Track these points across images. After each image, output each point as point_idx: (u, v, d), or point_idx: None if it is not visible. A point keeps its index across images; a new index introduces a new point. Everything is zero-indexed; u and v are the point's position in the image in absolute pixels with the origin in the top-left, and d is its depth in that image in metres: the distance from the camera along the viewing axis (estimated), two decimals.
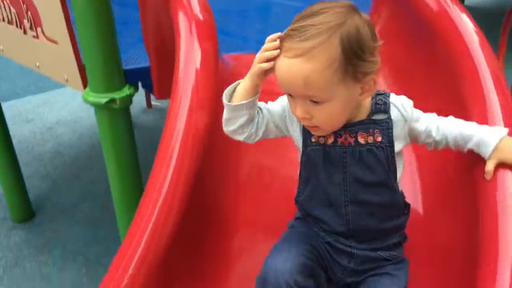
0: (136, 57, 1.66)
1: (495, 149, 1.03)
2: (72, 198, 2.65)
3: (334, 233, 1.14)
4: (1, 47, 1.82)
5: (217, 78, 1.27)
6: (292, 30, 0.97)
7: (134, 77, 1.55)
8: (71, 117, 3.46)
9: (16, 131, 3.21)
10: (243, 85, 1.07)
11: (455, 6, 1.38)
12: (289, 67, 0.96)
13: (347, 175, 1.08)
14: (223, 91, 1.09)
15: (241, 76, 1.09)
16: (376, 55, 0.99)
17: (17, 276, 2.18)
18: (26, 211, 2.49)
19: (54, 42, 1.48)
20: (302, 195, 1.17)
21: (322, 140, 1.09)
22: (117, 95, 1.44)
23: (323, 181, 1.11)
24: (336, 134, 1.07)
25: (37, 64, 1.68)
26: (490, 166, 1.03)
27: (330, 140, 1.08)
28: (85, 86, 1.53)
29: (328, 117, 1.00)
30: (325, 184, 1.11)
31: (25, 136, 3.27)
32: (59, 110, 3.55)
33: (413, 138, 1.12)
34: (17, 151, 2.47)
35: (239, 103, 1.06)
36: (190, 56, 1.22)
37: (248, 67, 1.06)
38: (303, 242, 1.13)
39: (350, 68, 0.95)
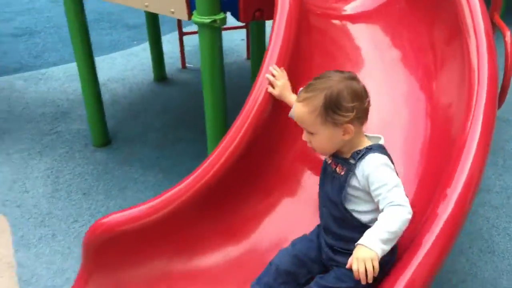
0: None
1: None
2: (137, 131, 3.27)
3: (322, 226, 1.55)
4: None
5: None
6: (306, 84, 1.47)
7: (225, 6, 2.15)
8: (118, 76, 4.06)
9: (76, 86, 3.80)
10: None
11: None
12: (296, 107, 1.47)
13: (324, 187, 1.52)
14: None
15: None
16: (349, 112, 1.37)
17: (109, 180, 2.79)
18: (105, 138, 3.10)
19: None
20: None
21: (329, 160, 1.52)
22: (217, 17, 2.07)
23: (319, 185, 1.56)
24: (333, 159, 1.49)
25: (146, 4, 2.30)
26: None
27: (329, 161, 1.51)
28: (189, 16, 2.16)
29: (318, 144, 1.46)
30: (319, 188, 1.56)
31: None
32: (107, 71, 4.13)
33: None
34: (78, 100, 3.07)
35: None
36: None
37: None
38: (306, 245, 1.56)
39: (329, 117, 1.38)
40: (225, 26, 2.17)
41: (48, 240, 2.36)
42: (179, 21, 4.01)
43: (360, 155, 1.41)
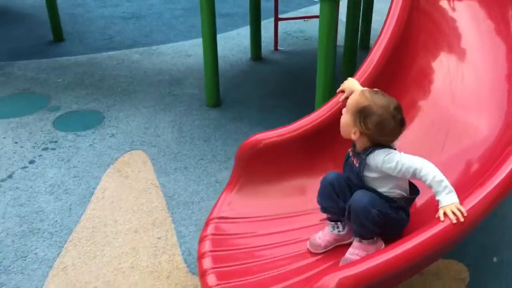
0: None
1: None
2: (241, 97, 3.83)
3: None
4: None
5: None
6: (374, 89, 1.85)
7: None
8: (219, 54, 4.64)
9: (183, 60, 4.41)
10: None
11: None
12: (354, 93, 1.87)
13: (346, 172, 1.92)
14: None
15: None
16: (366, 128, 1.75)
17: (224, 132, 3.35)
18: (217, 100, 3.68)
19: None
20: None
21: (350, 153, 1.91)
22: None
23: (343, 169, 1.96)
24: (353, 152, 1.89)
25: None
26: None
27: (351, 153, 1.91)
28: None
29: (341, 122, 1.86)
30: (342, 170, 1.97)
31: (189, 63, 4.47)
32: None
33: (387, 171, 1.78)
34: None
35: None
36: None
37: None
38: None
39: (356, 116, 1.78)
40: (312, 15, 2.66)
41: (182, 170, 2.93)
42: (276, 9, 4.55)
43: (368, 151, 1.81)
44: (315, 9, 5.89)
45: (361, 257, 1.74)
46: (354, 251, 1.83)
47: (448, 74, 2.28)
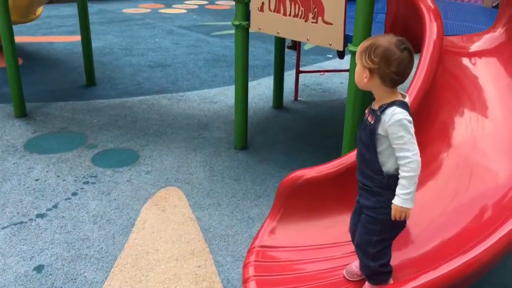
0: None
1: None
2: (267, 141, 4.07)
3: None
4: (278, 31, 3.30)
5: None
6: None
7: None
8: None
9: (209, 107, 4.70)
10: None
11: None
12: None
13: (359, 132, 1.93)
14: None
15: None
16: (372, 64, 1.73)
17: (252, 173, 3.57)
18: (245, 143, 3.92)
19: (330, 24, 2.93)
20: None
21: (367, 113, 1.89)
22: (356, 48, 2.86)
23: (358, 131, 1.98)
24: (369, 110, 1.88)
25: (308, 38, 3.14)
26: None
27: (367, 113, 1.89)
28: (344, 46, 2.97)
29: (355, 73, 1.84)
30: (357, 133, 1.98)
31: (215, 109, 4.75)
32: (232, 98, 5.02)
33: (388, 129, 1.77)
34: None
35: None
36: (432, 27, 2.60)
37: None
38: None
39: (363, 57, 1.77)
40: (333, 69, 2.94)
41: (216, 206, 3.13)
42: (298, 62, 4.89)
43: (383, 108, 1.77)
44: (329, 64, 6.26)
45: None
46: None
47: (469, 124, 2.51)
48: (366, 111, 1.92)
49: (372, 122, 1.83)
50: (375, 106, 1.85)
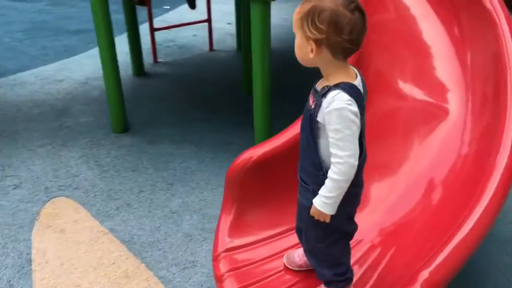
0: None
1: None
2: (146, 116, 3.53)
3: None
4: None
5: None
6: None
7: None
8: (95, 75, 4.20)
9: (56, 87, 3.88)
10: None
11: None
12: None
13: (302, 116, 1.53)
14: None
15: None
16: (319, 32, 1.32)
17: (149, 157, 3.04)
18: (125, 124, 3.32)
19: None
20: None
21: (312, 90, 1.49)
22: None
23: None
24: (313, 90, 1.48)
25: None
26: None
27: (312, 91, 1.49)
28: None
29: (295, 48, 1.42)
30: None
31: (65, 90, 3.95)
32: (80, 72, 4.24)
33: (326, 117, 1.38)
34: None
35: None
36: None
37: None
38: None
39: (304, 26, 1.35)
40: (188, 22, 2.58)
41: (125, 208, 2.57)
42: (150, 18, 4.28)
43: (326, 90, 1.40)
44: (173, 16, 5.73)
45: None
46: None
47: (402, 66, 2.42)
48: (311, 92, 1.52)
49: (312, 107, 1.45)
50: (319, 86, 1.47)
